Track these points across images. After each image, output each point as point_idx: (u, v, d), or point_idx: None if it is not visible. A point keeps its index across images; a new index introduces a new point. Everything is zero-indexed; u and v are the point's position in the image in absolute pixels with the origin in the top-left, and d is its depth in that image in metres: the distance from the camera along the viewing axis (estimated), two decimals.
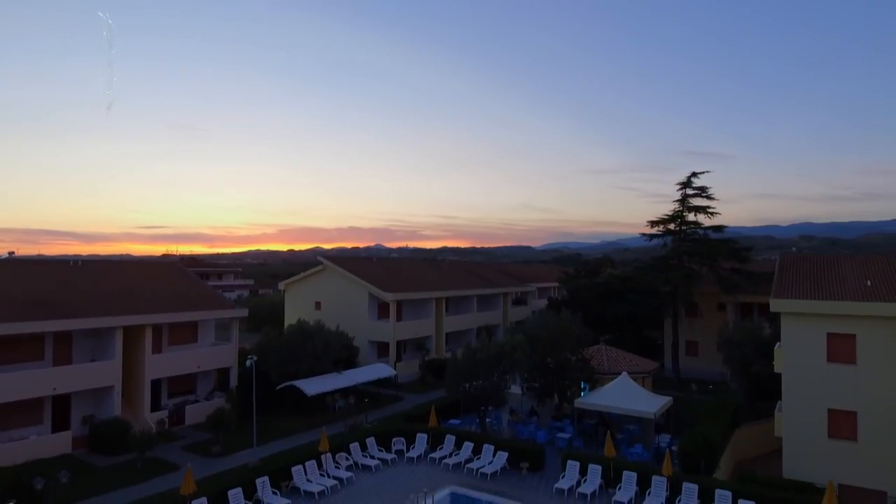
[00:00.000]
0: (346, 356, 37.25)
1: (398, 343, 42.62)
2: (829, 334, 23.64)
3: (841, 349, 23.38)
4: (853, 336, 23.21)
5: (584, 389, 30.34)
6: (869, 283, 24.48)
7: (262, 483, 21.07)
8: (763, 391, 33.69)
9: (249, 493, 20.72)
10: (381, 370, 36.77)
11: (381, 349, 42.66)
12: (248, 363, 25.92)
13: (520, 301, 60.68)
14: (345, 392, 34.71)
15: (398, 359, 41.95)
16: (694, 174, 40.16)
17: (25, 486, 19.62)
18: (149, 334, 29.50)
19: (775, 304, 24.63)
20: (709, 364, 41.77)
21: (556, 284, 64.61)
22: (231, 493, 20.22)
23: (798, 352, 24.30)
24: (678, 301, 40.27)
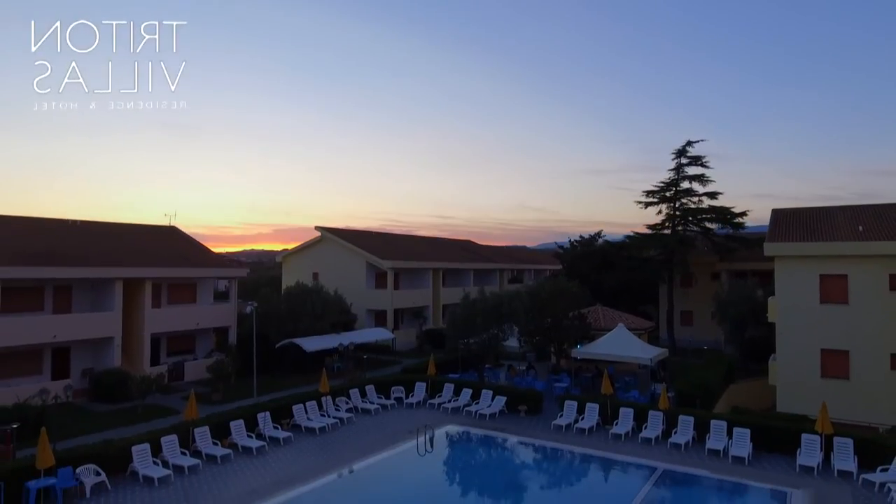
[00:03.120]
0: (344, 320, 37.45)
1: (396, 312, 42.83)
2: (821, 276, 24.08)
3: (833, 290, 23.82)
4: (845, 276, 23.65)
5: (579, 344, 30.66)
6: (861, 228, 24.93)
7: (264, 417, 21.29)
8: (756, 353, 34.18)
9: (251, 427, 20.96)
10: (380, 333, 37.04)
11: (379, 318, 42.82)
12: (248, 309, 26.14)
13: (516, 280, 60.91)
14: (343, 352, 34.89)
15: (395, 327, 42.15)
16: (689, 143, 40.59)
17: (30, 410, 19.81)
18: (148, 288, 29.64)
19: (769, 248, 25.04)
20: (704, 334, 42.16)
21: (551, 267, 64.92)
22: (233, 424, 20.46)
23: (792, 295, 24.72)
24: (673, 267, 40.66)
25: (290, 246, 50.84)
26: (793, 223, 27.33)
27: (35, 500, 14.91)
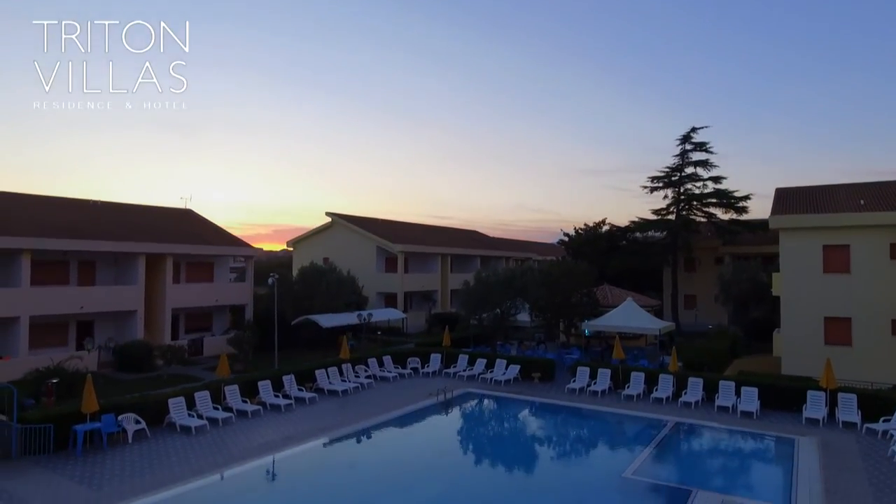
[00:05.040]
0: (356, 301, 38.21)
1: (405, 296, 43.64)
2: (824, 246, 24.94)
3: (836, 260, 24.69)
4: (847, 247, 24.52)
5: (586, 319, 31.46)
6: (862, 202, 25.80)
7: (289, 380, 22.09)
8: (760, 333, 35.03)
9: (277, 388, 21.77)
10: (392, 313, 37.87)
11: (389, 301, 43.68)
12: (269, 281, 26.92)
13: None
14: (363, 323, 35.56)
15: (405, 310, 42.96)
16: (694, 129, 41.39)
17: (63, 373, 20.58)
18: (169, 264, 30.43)
19: (774, 221, 25.89)
20: (707, 317, 42.98)
21: (556, 258, 65.78)
22: (261, 384, 21.31)
23: (796, 266, 25.57)
24: (677, 250, 41.49)
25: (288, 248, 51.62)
26: (796, 199, 28.20)
27: (82, 442, 15.72)
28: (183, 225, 35.18)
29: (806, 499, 12.66)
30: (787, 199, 28.28)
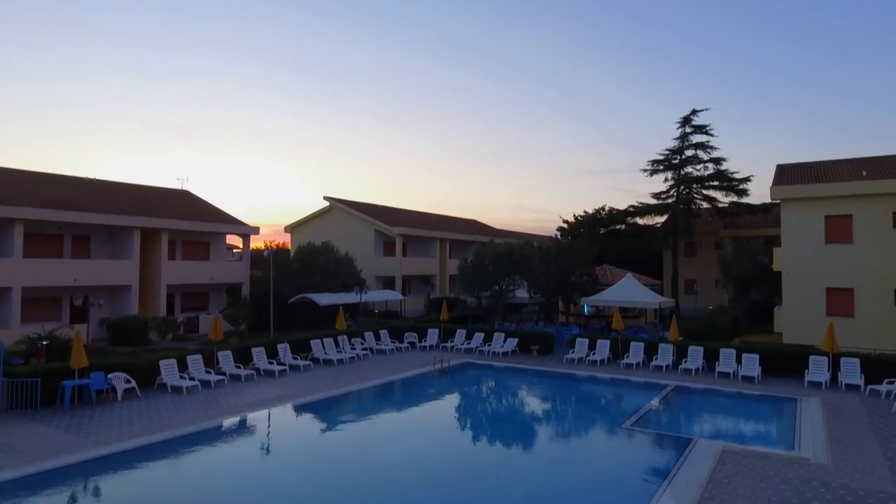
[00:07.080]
0: (354, 283, 37.87)
1: (404, 280, 43.30)
2: (826, 217, 24.64)
3: (838, 230, 24.38)
4: (850, 217, 24.21)
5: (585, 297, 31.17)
6: (864, 173, 25.51)
7: (283, 348, 21.81)
8: (760, 315, 34.69)
9: (272, 356, 21.47)
10: (390, 294, 37.58)
11: (387, 285, 43.31)
12: (265, 254, 26.63)
13: None
14: (353, 312, 35.34)
15: (404, 295, 42.61)
16: (694, 112, 41.10)
17: (55, 340, 20.27)
18: (165, 240, 30.10)
19: (776, 192, 25.58)
20: (707, 301, 42.60)
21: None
22: (254, 350, 21.02)
23: (798, 238, 25.28)
24: (678, 233, 41.19)
25: (289, 245, 51.31)
26: (797, 173, 27.91)
27: (70, 398, 15.41)
28: (180, 204, 34.88)
29: (809, 445, 12.35)
30: (787, 174, 27.99)
